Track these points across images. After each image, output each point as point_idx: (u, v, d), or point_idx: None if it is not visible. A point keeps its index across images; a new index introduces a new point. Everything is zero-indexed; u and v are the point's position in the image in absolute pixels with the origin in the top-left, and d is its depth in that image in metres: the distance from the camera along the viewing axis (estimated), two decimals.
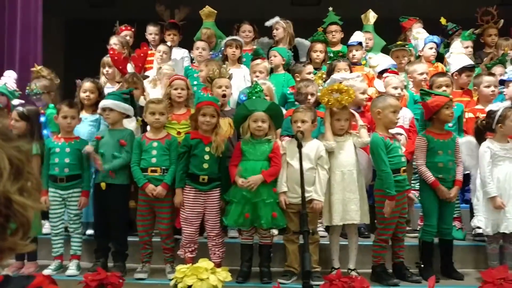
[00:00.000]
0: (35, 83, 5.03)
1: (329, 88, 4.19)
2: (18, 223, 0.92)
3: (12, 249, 0.93)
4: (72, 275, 4.19)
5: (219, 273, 3.56)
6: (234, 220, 4.05)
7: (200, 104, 4.20)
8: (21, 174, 0.92)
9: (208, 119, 4.11)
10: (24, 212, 0.92)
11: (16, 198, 0.90)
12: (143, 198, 4.24)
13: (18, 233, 0.92)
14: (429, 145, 4.23)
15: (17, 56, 6.53)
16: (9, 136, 0.95)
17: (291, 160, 4.12)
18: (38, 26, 6.67)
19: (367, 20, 6.70)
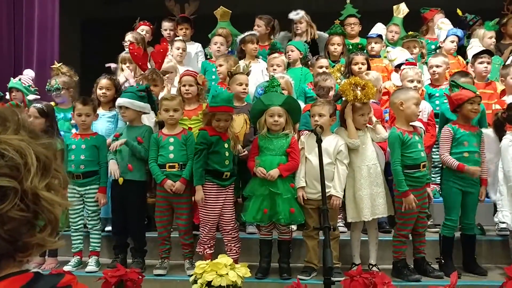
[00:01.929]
0: (55, 79, 5.06)
1: (349, 82, 4.12)
2: (46, 220, 0.92)
3: (41, 245, 0.93)
4: (92, 271, 4.22)
5: (239, 269, 3.52)
6: (252, 216, 4.02)
7: (215, 109, 4.09)
8: (48, 171, 0.93)
9: (222, 124, 4.09)
10: (52, 209, 0.92)
11: (44, 194, 0.90)
12: (161, 194, 4.24)
13: (46, 229, 0.93)
14: (455, 135, 4.16)
15: (35, 55, 6.59)
16: (36, 133, 0.95)
17: (310, 155, 4.08)
18: (55, 26, 6.71)
19: (398, 12, 6.56)
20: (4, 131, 0.91)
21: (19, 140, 0.90)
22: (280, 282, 3.96)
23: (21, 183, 0.88)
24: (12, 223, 0.87)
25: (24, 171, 0.89)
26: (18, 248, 0.90)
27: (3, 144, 0.88)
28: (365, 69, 5.07)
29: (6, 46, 6.79)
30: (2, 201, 0.86)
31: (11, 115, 0.94)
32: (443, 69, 5.26)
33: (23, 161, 0.89)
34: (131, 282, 3.56)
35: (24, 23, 6.76)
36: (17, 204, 0.87)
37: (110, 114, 4.94)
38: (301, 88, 5.23)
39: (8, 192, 0.87)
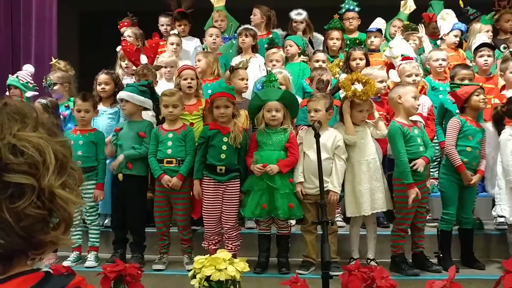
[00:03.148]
0: (50, 75, 5.05)
1: (350, 78, 4.11)
2: (60, 218, 0.93)
3: (54, 243, 0.94)
4: (91, 267, 4.23)
5: (237, 263, 3.52)
6: (251, 211, 4.03)
7: (212, 97, 4.15)
8: (65, 169, 0.93)
9: (222, 111, 4.07)
10: (66, 207, 0.93)
11: (60, 193, 0.91)
12: (159, 189, 4.25)
13: (60, 227, 0.93)
14: (462, 128, 4.17)
15: (33, 49, 6.57)
16: (53, 130, 0.96)
17: (308, 150, 4.08)
18: (53, 18, 6.68)
19: (405, 8, 6.53)
20: (23, 128, 0.91)
21: (38, 137, 0.91)
22: (279, 276, 3.96)
23: (38, 180, 0.88)
24: (27, 220, 0.87)
25: (43, 169, 0.89)
26: (32, 245, 0.91)
27: (23, 141, 0.88)
28: (363, 64, 5.05)
29: (4, 39, 6.77)
30: (19, 198, 0.86)
31: (30, 112, 0.94)
32: (447, 63, 5.25)
33: (42, 159, 0.89)
34: (130, 277, 3.56)
35: (22, 15, 6.73)
36: (33, 202, 0.87)
37: (112, 110, 4.94)
38: (300, 83, 5.21)
39: (26, 189, 0.87)
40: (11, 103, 0.95)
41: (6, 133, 0.88)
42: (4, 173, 0.86)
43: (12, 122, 0.90)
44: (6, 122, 0.90)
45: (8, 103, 0.94)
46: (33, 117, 0.94)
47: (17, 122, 0.91)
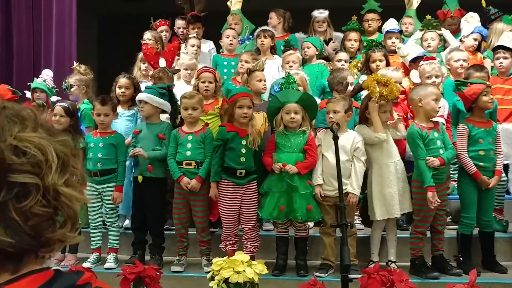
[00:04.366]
0: (69, 78, 5.11)
1: (374, 78, 4.09)
2: (66, 215, 0.94)
3: (61, 241, 0.95)
4: (110, 268, 4.27)
5: (255, 266, 3.53)
6: (269, 213, 4.03)
7: (236, 96, 4.16)
8: (67, 168, 0.94)
9: (245, 111, 4.08)
10: (71, 204, 0.94)
11: (64, 190, 0.92)
12: (178, 191, 4.26)
13: (66, 225, 0.94)
14: (470, 133, 4.12)
15: (53, 52, 6.66)
16: (53, 131, 0.97)
17: (326, 152, 4.07)
18: (73, 22, 6.76)
19: (410, 5, 6.48)
20: (23, 129, 0.92)
21: (39, 137, 0.92)
22: (297, 279, 3.95)
23: (42, 179, 0.89)
24: (35, 219, 0.89)
25: (46, 168, 0.90)
26: (41, 243, 0.92)
27: (24, 142, 0.90)
28: (383, 65, 5.01)
29: (25, 42, 6.87)
30: (25, 198, 0.88)
31: (29, 114, 0.96)
32: (468, 64, 5.19)
33: (44, 158, 0.90)
34: (149, 278, 3.59)
35: (42, 20, 6.83)
36: (39, 200, 0.89)
37: (129, 113, 4.98)
38: (319, 84, 5.20)
39: (31, 188, 0.88)
40: (10, 106, 0.96)
41: (7, 135, 0.90)
42: (8, 174, 0.87)
43: (12, 124, 0.92)
44: (6, 124, 0.91)
45: (6, 106, 0.96)
46: (32, 119, 0.95)
47: (16, 124, 0.92)
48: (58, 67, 6.39)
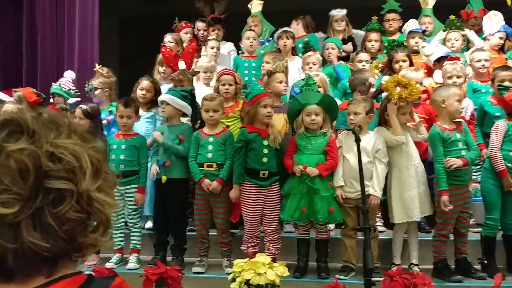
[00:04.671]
0: (92, 80, 5.18)
1: (392, 80, 4.06)
2: (98, 220, 0.95)
3: (94, 245, 0.97)
4: (133, 268, 4.31)
5: (277, 268, 3.53)
6: (290, 215, 4.03)
7: (259, 96, 4.16)
8: (99, 173, 0.96)
9: (269, 110, 4.09)
10: (103, 209, 0.95)
11: (97, 196, 0.94)
12: (199, 193, 4.29)
13: (98, 230, 0.96)
14: (507, 132, 4.06)
15: (76, 55, 6.75)
16: (86, 137, 0.99)
17: (347, 154, 4.05)
18: (95, 25, 6.86)
19: (425, 4, 6.41)
20: (58, 135, 0.94)
21: (73, 144, 0.94)
22: (318, 281, 3.95)
23: (77, 185, 0.91)
24: (69, 224, 0.90)
25: (80, 174, 0.92)
26: (74, 248, 0.93)
27: (60, 149, 0.92)
28: (406, 66, 4.96)
29: (49, 46, 6.99)
30: (60, 203, 0.89)
31: (63, 120, 0.98)
32: (490, 63, 5.12)
33: (79, 164, 0.92)
34: (171, 279, 3.62)
35: (66, 23, 6.94)
36: (73, 206, 0.90)
37: (148, 115, 5.02)
38: (341, 85, 5.18)
39: (65, 194, 0.90)
40: (45, 113, 0.98)
41: (43, 142, 0.92)
42: (45, 180, 0.89)
43: (47, 131, 0.93)
44: (42, 130, 0.93)
45: (42, 113, 0.98)
46: (66, 125, 0.97)
47: (52, 130, 0.94)
48: (81, 70, 6.48)
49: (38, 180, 0.88)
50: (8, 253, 0.87)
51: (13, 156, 0.88)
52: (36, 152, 0.89)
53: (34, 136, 0.91)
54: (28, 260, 0.89)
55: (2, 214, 0.86)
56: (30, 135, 0.91)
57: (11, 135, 0.91)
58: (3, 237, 0.87)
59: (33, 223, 0.88)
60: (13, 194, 0.87)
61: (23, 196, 0.87)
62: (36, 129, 0.92)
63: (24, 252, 0.88)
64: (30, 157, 0.88)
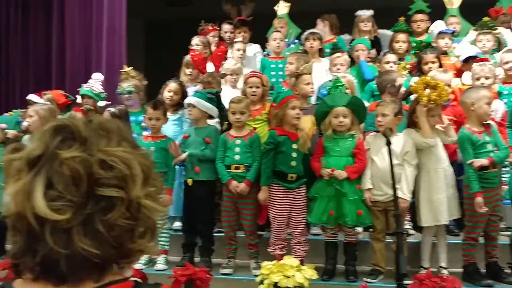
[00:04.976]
0: (128, 83, 5.24)
1: (421, 82, 4.02)
2: (145, 226, 0.96)
3: (142, 251, 0.98)
4: (161, 269, 4.34)
5: (305, 270, 3.53)
6: (318, 218, 4.02)
7: (287, 98, 4.16)
8: (148, 180, 0.97)
9: (298, 112, 4.09)
10: (151, 215, 0.97)
11: (146, 203, 0.95)
12: (227, 195, 4.31)
13: (146, 235, 0.97)
14: None
15: (104, 58, 6.85)
16: (134, 144, 1.00)
17: (376, 156, 4.03)
18: (122, 28, 6.96)
19: (451, 4, 6.32)
20: (109, 143, 0.95)
21: (124, 151, 0.95)
22: (347, 284, 3.94)
23: (127, 193, 0.92)
24: (117, 230, 0.92)
25: (131, 182, 0.93)
26: (122, 254, 0.95)
27: (111, 156, 0.93)
28: (436, 67, 4.90)
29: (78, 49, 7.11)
30: (110, 211, 0.91)
31: (113, 127, 0.99)
32: None
33: (130, 172, 0.93)
34: (200, 281, 3.63)
35: (94, 26, 7.05)
36: (123, 213, 0.92)
37: (175, 117, 5.05)
38: (368, 87, 5.15)
39: (116, 202, 0.91)
40: (95, 119, 0.99)
41: (94, 149, 0.93)
42: (96, 188, 0.91)
43: (98, 138, 0.95)
44: (94, 138, 0.94)
45: (92, 120, 0.99)
46: (116, 132, 0.98)
47: (102, 137, 0.95)
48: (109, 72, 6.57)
49: (89, 188, 0.90)
50: (60, 258, 0.89)
51: (66, 163, 0.89)
52: (89, 160, 0.91)
53: (86, 143, 0.93)
54: (79, 265, 0.91)
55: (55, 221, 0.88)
56: (82, 143, 0.92)
57: (63, 142, 0.93)
58: (56, 243, 0.89)
59: (84, 229, 0.90)
60: (66, 201, 0.89)
61: (75, 203, 0.89)
62: (87, 137, 0.93)
63: (75, 257, 0.90)
64: (83, 165, 0.90)
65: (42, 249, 0.90)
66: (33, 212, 0.88)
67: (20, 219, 0.92)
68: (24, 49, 7.61)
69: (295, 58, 5.08)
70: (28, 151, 0.94)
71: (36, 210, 0.88)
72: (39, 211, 0.87)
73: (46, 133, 0.95)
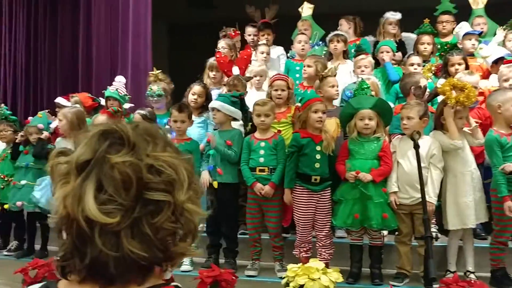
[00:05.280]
0: (157, 86, 5.31)
1: (448, 84, 3.99)
2: (187, 230, 0.98)
3: (183, 254, 1.00)
4: (186, 271, 4.37)
5: (331, 273, 3.53)
6: (343, 221, 4.01)
7: (311, 101, 4.17)
8: (190, 185, 0.99)
9: (320, 115, 4.09)
10: (193, 219, 0.99)
11: (188, 206, 0.97)
12: (251, 197, 4.33)
13: (187, 238, 0.99)
14: None
15: (129, 61, 6.93)
16: (177, 149, 1.02)
17: (401, 159, 4.01)
18: (148, 32, 7.03)
19: (476, 4, 6.23)
20: (155, 148, 0.97)
21: (171, 156, 0.97)
22: (372, 287, 3.92)
23: (174, 197, 0.95)
24: (162, 233, 0.94)
25: (177, 186, 0.95)
26: (166, 257, 0.97)
27: (159, 161, 0.95)
28: (462, 69, 4.85)
29: (104, 53, 7.21)
30: (157, 214, 0.93)
31: (158, 132, 1.01)
32: None
33: (177, 177, 0.96)
34: (226, 282, 3.66)
35: (120, 30, 7.14)
36: (169, 217, 0.94)
37: (200, 119, 5.09)
38: (393, 89, 5.12)
39: (163, 205, 0.94)
40: (141, 125, 1.02)
41: (142, 154, 0.95)
42: (145, 191, 0.93)
43: (145, 143, 0.97)
44: (141, 143, 0.96)
45: (138, 125, 1.02)
46: (162, 138, 1.00)
47: (149, 143, 0.97)
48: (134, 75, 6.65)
49: (138, 191, 0.92)
50: (110, 260, 0.91)
51: (117, 167, 0.92)
52: (138, 165, 0.93)
53: (134, 148, 0.95)
54: (127, 267, 0.93)
55: (105, 223, 0.91)
56: (131, 147, 0.95)
57: (111, 146, 0.95)
58: (105, 245, 0.91)
59: (131, 232, 0.92)
60: (116, 205, 0.91)
61: (125, 206, 0.91)
62: (136, 142, 0.95)
63: (124, 259, 0.92)
64: (133, 169, 0.92)
65: (91, 252, 0.92)
66: (83, 215, 0.91)
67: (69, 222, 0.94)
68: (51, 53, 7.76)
69: (314, 61, 5.09)
70: (76, 155, 0.96)
71: (87, 213, 0.90)
72: (90, 214, 0.90)
73: (93, 138, 0.98)
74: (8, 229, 5.45)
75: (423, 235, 3.05)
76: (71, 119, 4.87)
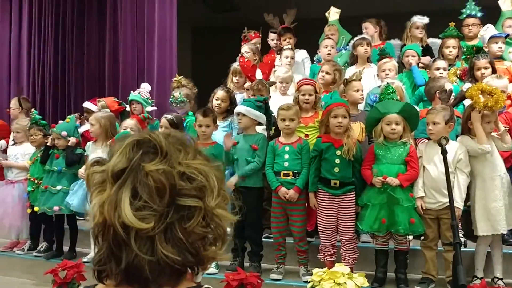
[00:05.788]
0: (179, 92, 5.37)
1: (477, 88, 3.95)
2: (216, 234, 1.03)
3: (213, 258, 1.04)
4: (212, 273, 4.41)
5: (356, 278, 3.52)
6: (369, 226, 3.98)
7: (331, 106, 4.19)
8: (220, 191, 1.03)
9: (340, 120, 4.09)
10: (222, 224, 1.03)
11: (218, 212, 1.01)
12: (276, 201, 4.35)
13: (217, 243, 1.03)
14: None
15: (155, 67, 7.03)
16: (206, 156, 1.07)
17: (428, 164, 3.97)
18: (173, 38, 7.11)
19: (506, 6, 6.11)
20: (186, 156, 1.02)
21: (201, 164, 1.02)
22: None
23: (204, 203, 0.99)
24: (193, 238, 0.98)
25: (208, 193, 1.00)
26: (198, 261, 1.01)
27: (191, 169, 1.00)
28: (489, 73, 4.78)
29: (130, 58, 7.32)
30: (189, 219, 0.97)
31: (188, 140, 1.06)
32: None
33: (208, 183, 1.00)
34: (251, 285, 3.69)
35: (145, 36, 7.25)
36: (200, 222, 0.98)
37: (224, 124, 5.14)
38: (417, 93, 5.09)
39: (195, 211, 0.98)
40: (173, 134, 1.06)
41: (174, 162, 0.99)
42: (178, 198, 0.97)
43: (177, 152, 1.01)
44: (173, 152, 1.01)
45: (170, 134, 1.06)
46: (192, 146, 1.05)
47: (181, 151, 1.02)
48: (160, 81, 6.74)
49: (171, 198, 0.97)
50: (145, 264, 0.96)
51: (151, 175, 0.96)
52: (171, 172, 0.97)
53: (167, 156, 0.99)
54: (162, 271, 0.97)
55: (140, 229, 0.95)
56: (164, 156, 0.99)
57: (146, 155, 0.99)
58: (141, 250, 0.95)
59: (165, 237, 0.96)
60: (151, 211, 0.95)
61: (158, 212, 0.96)
62: (168, 151, 1.00)
63: (158, 263, 0.96)
64: (166, 177, 0.97)
65: (127, 256, 0.96)
66: (120, 221, 0.95)
67: (106, 228, 0.98)
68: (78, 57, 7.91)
69: (333, 70, 5.12)
70: (112, 164, 1.01)
71: (123, 219, 0.94)
72: (126, 220, 0.94)
73: (128, 147, 1.02)
74: (38, 231, 5.57)
75: (451, 241, 3.02)
76: (104, 124, 4.97)
